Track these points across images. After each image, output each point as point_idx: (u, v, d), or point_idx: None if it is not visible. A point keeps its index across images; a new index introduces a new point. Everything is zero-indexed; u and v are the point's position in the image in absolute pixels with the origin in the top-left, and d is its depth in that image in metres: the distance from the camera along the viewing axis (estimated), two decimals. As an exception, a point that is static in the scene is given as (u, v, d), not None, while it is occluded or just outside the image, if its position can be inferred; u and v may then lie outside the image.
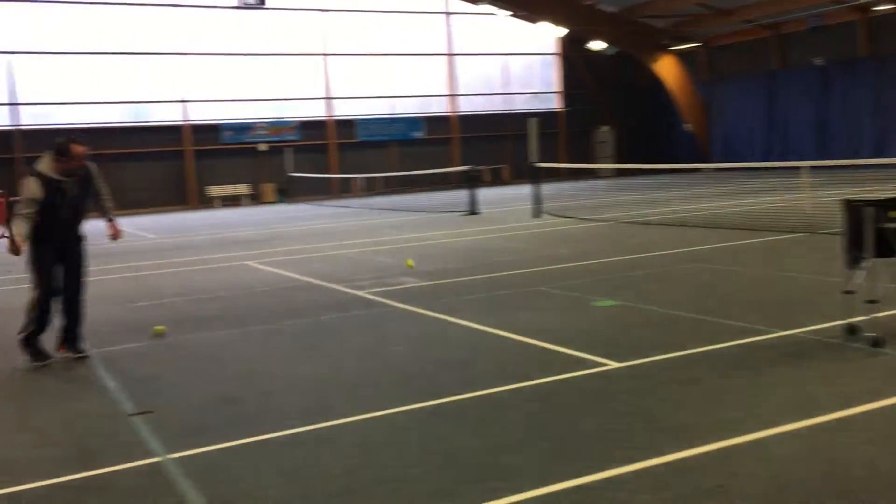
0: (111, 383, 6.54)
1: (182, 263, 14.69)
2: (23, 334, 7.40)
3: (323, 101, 39.12)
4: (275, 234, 20.15)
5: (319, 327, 8.32)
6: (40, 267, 7.44)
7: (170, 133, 36.24)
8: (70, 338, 7.66)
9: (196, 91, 36.60)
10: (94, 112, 34.98)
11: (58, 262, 7.54)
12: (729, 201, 21.06)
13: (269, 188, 37.93)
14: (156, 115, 36.25)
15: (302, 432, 5.08)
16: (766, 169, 32.17)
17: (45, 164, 7.34)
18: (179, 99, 36.27)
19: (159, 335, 8.29)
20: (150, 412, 5.66)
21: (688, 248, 12.56)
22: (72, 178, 7.38)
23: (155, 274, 13.39)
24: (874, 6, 33.10)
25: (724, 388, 5.42)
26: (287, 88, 38.53)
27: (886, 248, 6.26)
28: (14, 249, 7.35)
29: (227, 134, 37.18)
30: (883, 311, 6.40)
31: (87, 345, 7.72)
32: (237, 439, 5.00)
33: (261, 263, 13.96)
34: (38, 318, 7.39)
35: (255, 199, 37.74)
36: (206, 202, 36.76)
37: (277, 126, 38.07)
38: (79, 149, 7.42)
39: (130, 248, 18.08)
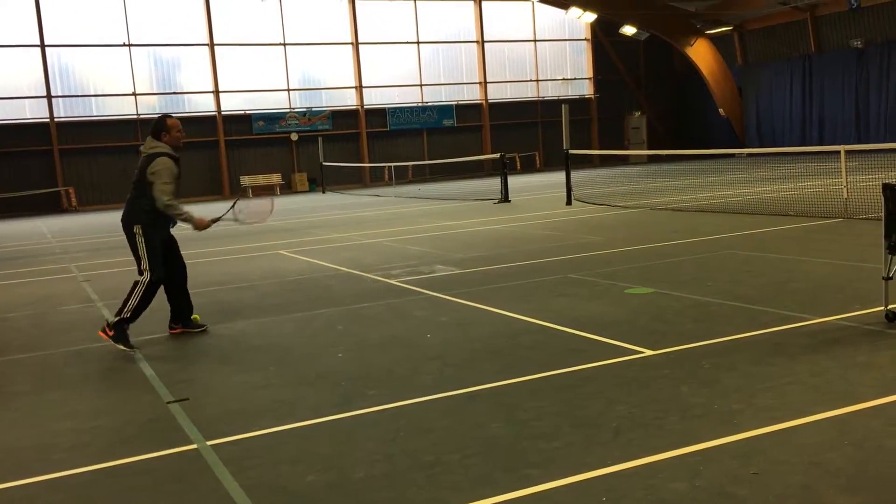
0: (149, 371, 6.63)
1: (217, 253, 14.83)
2: (121, 317, 7.34)
3: (354, 90, 39.19)
4: (307, 223, 20.26)
5: (353, 315, 8.36)
6: (156, 252, 7.48)
7: (204, 123, 36.53)
8: (182, 316, 7.87)
9: (228, 81, 36.84)
10: (129, 103, 35.35)
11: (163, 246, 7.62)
12: (764, 187, 20.81)
13: (300, 178, 38.13)
14: (190, 107, 36.55)
15: (337, 419, 5.12)
16: (801, 154, 31.79)
17: (162, 146, 7.36)
18: (212, 89, 36.52)
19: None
20: (185, 399, 5.74)
21: (723, 234, 12.44)
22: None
23: (190, 263, 13.49)
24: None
25: (760, 376, 5.37)
26: (318, 78, 38.67)
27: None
28: (204, 225, 7.59)
29: (258, 124, 37.40)
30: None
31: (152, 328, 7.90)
32: (272, 426, 5.06)
33: (294, 252, 14.05)
34: (142, 303, 7.41)
35: (287, 188, 37.96)
36: (239, 192, 37.03)
37: (309, 115, 38.22)
38: (173, 121, 7.43)
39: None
